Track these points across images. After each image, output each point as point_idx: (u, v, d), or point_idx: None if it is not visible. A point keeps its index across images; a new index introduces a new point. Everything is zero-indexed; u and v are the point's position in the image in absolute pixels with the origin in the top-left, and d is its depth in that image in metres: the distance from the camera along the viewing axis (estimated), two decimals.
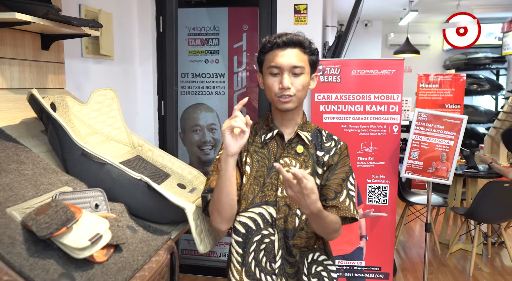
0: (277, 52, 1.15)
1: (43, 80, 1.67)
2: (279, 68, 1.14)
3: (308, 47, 1.17)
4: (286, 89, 1.14)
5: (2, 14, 1.24)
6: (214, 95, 2.87)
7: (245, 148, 1.22)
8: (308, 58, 1.18)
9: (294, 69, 1.14)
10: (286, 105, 1.16)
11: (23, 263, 0.83)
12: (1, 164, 1.06)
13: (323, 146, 1.24)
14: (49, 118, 1.23)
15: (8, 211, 0.93)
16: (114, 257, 0.99)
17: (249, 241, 1.19)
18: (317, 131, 1.27)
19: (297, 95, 1.16)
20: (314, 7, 2.68)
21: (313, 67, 1.20)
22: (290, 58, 1.14)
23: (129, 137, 1.62)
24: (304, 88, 1.18)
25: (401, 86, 2.58)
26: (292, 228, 1.18)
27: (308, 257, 1.22)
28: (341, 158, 1.22)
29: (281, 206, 1.18)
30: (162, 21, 2.83)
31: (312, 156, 1.21)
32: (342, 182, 1.20)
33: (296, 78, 1.15)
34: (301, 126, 1.24)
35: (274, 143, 1.22)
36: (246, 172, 1.20)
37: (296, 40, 1.15)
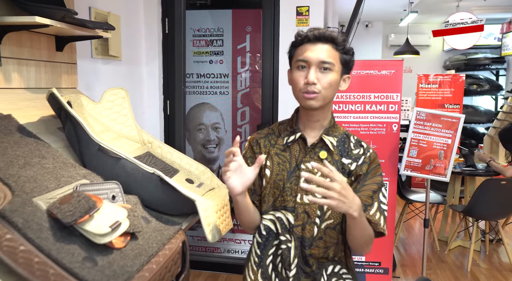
0: (307, 46, 1.09)
1: (57, 79, 1.75)
2: (307, 62, 1.08)
3: (341, 44, 1.10)
4: (311, 84, 1.07)
5: (23, 18, 1.32)
6: (218, 94, 2.95)
7: (266, 149, 1.17)
8: (340, 56, 1.10)
9: (323, 64, 1.07)
10: (309, 102, 1.09)
11: (51, 247, 0.90)
12: (25, 158, 1.14)
13: (350, 153, 1.15)
14: (67, 115, 1.30)
15: (34, 200, 1.01)
16: (131, 244, 1.07)
17: (269, 244, 1.16)
18: (345, 136, 1.18)
19: (323, 93, 1.08)
20: (316, 9, 2.75)
21: (345, 67, 1.12)
22: (319, 52, 1.07)
23: (139, 135, 1.70)
24: (332, 87, 1.09)
25: (400, 86, 2.66)
26: (310, 237, 1.12)
27: (328, 269, 1.16)
28: (372, 168, 1.14)
29: (300, 213, 1.12)
30: (168, 23, 2.91)
31: (337, 163, 1.14)
32: (373, 194, 1.12)
33: (324, 74, 1.08)
34: (327, 130, 1.16)
35: (296, 146, 1.16)
36: (266, 175, 1.16)
37: (329, 36, 1.08)
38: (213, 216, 1.33)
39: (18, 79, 1.52)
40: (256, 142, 1.20)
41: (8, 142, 1.16)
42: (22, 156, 1.14)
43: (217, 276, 3.01)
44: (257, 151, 1.19)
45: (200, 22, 2.90)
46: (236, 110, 2.94)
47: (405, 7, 5.99)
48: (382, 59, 3.93)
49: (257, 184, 1.18)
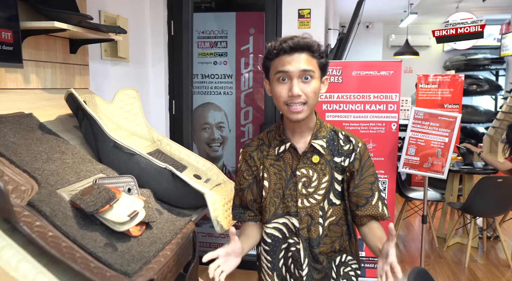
0: (284, 58, 1.07)
1: (70, 80, 1.84)
2: (288, 74, 1.07)
3: (316, 51, 1.09)
4: (296, 97, 1.07)
5: (43, 23, 1.41)
6: (222, 95, 3.03)
7: (261, 162, 1.20)
8: (318, 62, 1.10)
9: (304, 73, 1.07)
10: (297, 116, 1.09)
11: (75, 233, 0.99)
12: (47, 153, 1.23)
13: (341, 150, 1.18)
14: (84, 114, 1.39)
15: (58, 192, 1.10)
16: (146, 233, 1.16)
17: (277, 249, 1.20)
18: (333, 133, 1.19)
19: (309, 103, 1.09)
20: (317, 11, 2.84)
21: (323, 70, 1.13)
22: (298, 63, 1.06)
23: (149, 133, 1.78)
24: (316, 94, 1.10)
25: (399, 86, 2.74)
26: (316, 237, 1.16)
27: (336, 260, 1.21)
28: (364, 162, 1.18)
29: (303, 216, 1.16)
30: (173, 25, 3.00)
31: (329, 163, 1.17)
32: (372, 186, 1.18)
33: (306, 84, 1.08)
34: (315, 134, 1.16)
35: (288, 154, 1.18)
36: (265, 186, 1.19)
37: (304, 44, 1.07)
38: (220, 209, 1.41)
39: (36, 80, 1.61)
40: (249, 156, 1.22)
41: (32, 139, 1.25)
42: (45, 152, 1.23)
43: None
44: (252, 164, 1.21)
45: (205, 24, 2.99)
46: (240, 109, 3.02)
47: (405, 9, 6.07)
48: (381, 60, 4.00)
49: (256, 194, 1.21)
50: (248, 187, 1.22)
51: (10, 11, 1.31)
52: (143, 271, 0.99)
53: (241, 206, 1.25)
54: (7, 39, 1.30)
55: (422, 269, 1.53)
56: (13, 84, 1.50)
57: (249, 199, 1.23)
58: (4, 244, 0.83)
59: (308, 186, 1.17)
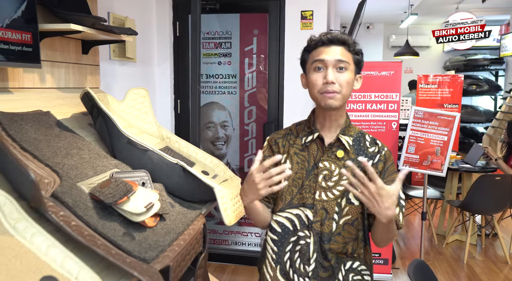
0: (322, 49, 1.15)
1: (82, 80, 1.91)
2: (324, 63, 1.13)
3: (352, 46, 1.17)
4: (330, 84, 1.12)
5: (60, 25, 1.48)
6: (226, 94, 3.10)
7: (285, 149, 1.23)
8: (353, 57, 1.17)
9: (339, 63, 1.13)
10: (330, 101, 1.13)
11: (96, 223, 1.06)
12: (66, 149, 1.29)
13: (366, 151, 1.20)
14: (99, 112, 1.46)
15: (78, 185, 1.16)
16: (160, 224, 1.22)
17: (285, 241, 1.20)
18: (360, 135, 1.23)
19: (342, 92, 1.14)
20: (319, 13, 2.90)
21: (357, 66, 1.19)
22: (334, 53, 1.13)
23: (159, 131, 1.85)
24: (349, 85, 1.15)
25: (399, 86, 2.81)
26: (328, 232, 1.17)
27: (346, 264, 1.20)
28: (388, 166, 1.19)
29: (318, 209, 1.17)
30: (179, 26, 3.06)
31: (354, 162, 1.17)
32: None
33: (341, 74, 1.14)
34: (343, 130, 1.20)
35: (314, 146, 1.21)
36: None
37: (341, 38, 1.15)
38: (229, 203, 1.48)
39: (51, 80, 1.68)
40: (275, 142, 1.25)
41: (51, 136, 1.31)
42: (63, 147, 1.30)
43: (225, 267, 3.16)
44: (276, 150, 1.24)
45: (210, 25, 3.05)
46: (244, 109, 3.09)
47: (406, 9, 6.14)
48: (382, 61, 4.07)
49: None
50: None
51: (30, 14, 1.38)
52: (160, 258, 1.06)
53: None
54: (27, 41, 1.37)
55: (421, 261, 1.60)
56: (30, 84, 1.57)
57: None
58: (34, 231, 0.90)
59: (329, 179, 1.18)
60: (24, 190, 0.91)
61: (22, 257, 0.84)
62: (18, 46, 1.34)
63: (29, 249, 0.86)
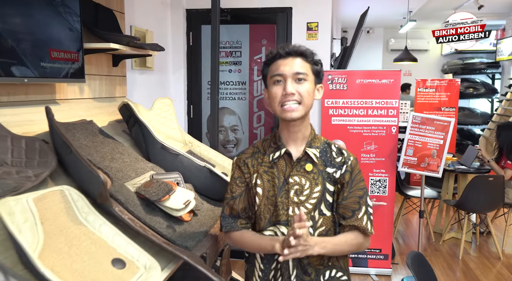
0: (280, 61, 1.15)
1: (112, 90, 2.11)
2: (282, 76, 1.14)
3: (310, 56, 1.17)
4: (289, 95, 1.12)
5: (101, 44, 1.68)
6: (236, 100, 3.30)
7: (255, 169, 1.22)
8: (311, 67, 1.17)
9: (297, 75, 1.13)
10: (291, 114, 1.13)
11: (144, 217, 1.26)
12: (111, 154, 1.50)
13: (333, 161, 1.21)
14: (136, 121, 1.66)
15: (126, 185, 1.36)
16: (194, 219, 1.43)
17: (271, 259, 1.22)
18: (326, 145, 1.23)
19: (303, 102, 1.14)
20: (324, 24, 3.11)
21: (317, 77, 1.19)
22: (292, 65, 1.14)
23: (182, 136, 2.05)
24: (309, 95, 1.16)
25: (399, 93, 3.01)
26: None
27: (325, 274, 1.22)
28: (355, 176, 1.21)
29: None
30: (192, 36, 3.27)
31: (322, 173, 1.19)
32: (360, 199, 1.20)
33: (300, 84, 1.14)
34: (309, 143, 1.21)
35: (282, 161, 1.20)
36: (258, 193, 1.21)
37: (298, 50, 1.16)
38: None
39: (88, 91, 1.88)
40: (243, 163, 1.24)
41: (97, 142, 1.52)
42: (109, 152, 1.50)
43: (234, 262, 3.36)
44: (245, 171, 1.24)
45: (221, 35, 3.25)
46: (253, 114, 3.29)
47: (405, 15, 6.35)
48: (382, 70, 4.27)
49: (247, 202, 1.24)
50: (240, 195, 1.24)
51: (77, 36, 1.58)
52: (198, 247, 1.26)
53: (231, 216, 1.25)
54: (75, 59, 1.57)
55: (418, 252, 1.80)
56: (72, 95, 1.77)
57: (240, 207, 1.24)
58: (101, 223, 1.10)
59: (300, 194, 1.18)
60: (92, 189, 1.11)
61: (96, 243, 1.04)
62: (68, 64, 1.54)
63: (99, 236, 1.06)
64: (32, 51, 1.35)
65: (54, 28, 1.47)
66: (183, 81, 3.30)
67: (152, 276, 1.03)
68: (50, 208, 1.01)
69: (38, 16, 1.38)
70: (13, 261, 0.88)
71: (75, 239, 1.01)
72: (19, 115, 1.41)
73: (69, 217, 1.05)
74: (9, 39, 1.25)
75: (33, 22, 1.35)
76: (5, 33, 1.24)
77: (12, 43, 1.27)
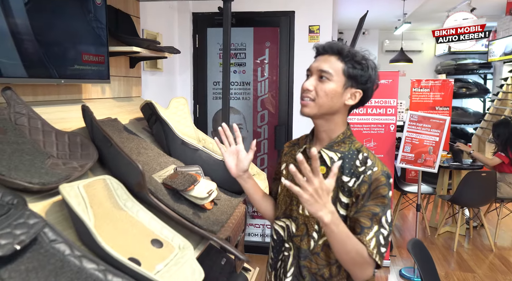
0: (318, 57, 1.14)
1: (129, 90, 2.24)
2: (310, 71, 1.13)
3: (346, 56, 1.09)
4: (305, 91, 1.11)
5: (124, 47, 1.81)
6: (241, 99, 3.44)
7: (286, 158, 1.26)
8: (344, 68, 1.09)
9: (320, 73, 1.10)
10: (303, 109, 1.12)
11: (173, 205, 1.39)
12: (137, 149, 1.62)
13: (355, 171, 1.09)
14: (157, 118, 1.79)
15: (153, 177, 1.50)
16: (215, 207, 1.56)
17: (280, 248, 1.24)
18: (355, 152, 1.12)
19: (317, 101, 1.09)
20: (325, 27, 3.26)
21: (351, 80, 1.10)
22: (321, 62, 1.11)
23: (195, 133, 2.18)
24: (328, 96, 1.09)
25: (397, 93, 3.17)
26: (306, 249, 1.15)
27: None
28: (374, 189, 1.05)
29: (300, 224, 1.16)
30: (198, 38, 3.40)
31: (337, 181, 1.08)
32: (373, 216, 1.03)
33: (321, 83, 1.10)
34: (331, 144, 1.14)
35: (305, 158, 1.14)
36: (281, 183, 1.24)
37: (335, 47, 1.10)
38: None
39: (109, 91, 2.01)
40: (284, 151, 1.33)
41: (123, 138, 1.64)
42: (135, 147, 1.63)
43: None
44: (282, 158, 1.31)
45: None
46: (256, 113, 3.43)
47: (400, 17, 6.52)
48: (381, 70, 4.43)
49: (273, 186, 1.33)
50: (278, 179, 1.34)
51: (103, 40, 1.71)
52: (222, 231, 1.40)
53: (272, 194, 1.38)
54: (100, 62, 1.70)
55: (418, 240, 1.95)
56: (95, 95, 1.89)
57: (275, 189, 1.35)
58: (138, 209, 1.22)
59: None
60: (130, 179, 1.24)
61: (135, 226, 1.17)
62: (95, 66, 1.67)
63: (137, 220, 1.19)
64: (68, 55, 1.48)
65: (85, 35, 1.60)
66: (190, 81, 3.42)
67: (186, 255, 1.16)
68: (97, 194, 1.14)
69: (73, 24, 1.51)
70: (72, 238, 1.01)
71: (118, 222, 1.14)
72: (53, 113, 1.54)
73: (111, 203, 1.18)
74: (50, 45, 1.38)
75: (69, 30, 1.48)
76: (47, 40, 1.36)
77: (52, 49, 1.39)
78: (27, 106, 1.31)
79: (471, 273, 3.26)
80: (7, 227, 0.82)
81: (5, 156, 1.07)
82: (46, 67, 1.38)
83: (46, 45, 1.37)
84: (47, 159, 1.18)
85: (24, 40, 1.27)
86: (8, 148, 1.11)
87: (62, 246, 0.92)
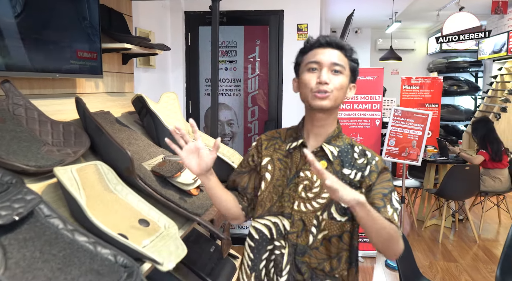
0: (318, 50, 1.10)
1: (122, 86, 2.34)
2: (319, 64, 1.09)
3: (349, 52, 1.12)
4: (323, 84, 1.07)
5: (117, 44, 1.91)
6: (232, 96, 3.54)
7: (268, 153, 1.19)
8: (349, 63, 1.12)
9: (334, 66, 1.08)
10: (322, 102, 1.08)
11: (160, 189, 1.50)
12: (128, 139, 1.73)
13: (354, 163, 1.13)
14: (148, 111, 1.90)
15: (142, 164, 1.60)
16: (201, 193, 1.67)
17: (262, 248, 1.17)
18: (349, 146, 1.16)
19: (334, 94, 1.08)
20: (313, 25, 3.37)
21: (352, 74, 1.14)
22: (331, 55, 1.09)
23: (185, 127, 2.29)
24: (342, 89, 1.10)
25: (381, 89, 3.28)
26: (304, 245, 1.13)
27: None
28: (380, 175, 1.12)
29: (296, 220, 1.13)
30: (190, 36, 3.50)
31: (337, 174, 1.12)
32: (384, 197, 1.08)
33: (335, 76, 1.09)
34: (329, 139, 1.14)
35: (298, 153, 1.16)
36: (265, 179, 1.18)
37: (339, 43, 1.11)
38: None
39: (102, 86, 2.11)
40: (261, 143, 1.23)
41: (115, 129, 1.75)
42: (126, 138, 1.73)
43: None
44: (260, 151, 1.22)
45: None
46: (247, 109, 3.54)
47: (390, 16, 6.64)
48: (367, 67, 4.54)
49: (251, 183, 1.22)
50: (247, 172, 1.24)
51: (96, 37, 1.81)
52: (206, 214, 1.51)
53: (229, 187, 1.26)
54: (93, 58, 1.80)
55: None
56: (89, 89, 2.00)
57: (242, 183, 1.23)
58: (127, 192, 1.33)
59: (309, 190, 1.13)
60: (119, 164, 1.34)
61: (124, 207, 1.27)
62: (88, 62, 1.77)
63: (126, 202, 1.30)
64: (63, 51, 1.58)
65: (80, 33, 1.70)
66: (182, 78, 3.53)
67: (171, 233, 1.27)
68: (89, 178, 1.25)
69: (69, 24, 1.61)
70: (65, 216, 1.12)
71: (109, 203, 1.25)
72: (48, 106, 1.64)
73: (102, 186, 1.29)
74: (47, 43, 1.48)
75: (65, 28, 1.59)
76: (44, 38, 1.47)
77: (49, 46, 1.50)
78: (24, 98, 1.41)
79: (454, 263, 3.38)
80: (6, 201, 0.92)
81: (4, 142, 1.18)
82: (42, 62, 1.48)
83: (42, 42, 1.47)
84: (43, 146, 1.28)
85: (23, 37, 1.37)
86: (7, 135, 1.21)
87: (56, 220, 1.02)
